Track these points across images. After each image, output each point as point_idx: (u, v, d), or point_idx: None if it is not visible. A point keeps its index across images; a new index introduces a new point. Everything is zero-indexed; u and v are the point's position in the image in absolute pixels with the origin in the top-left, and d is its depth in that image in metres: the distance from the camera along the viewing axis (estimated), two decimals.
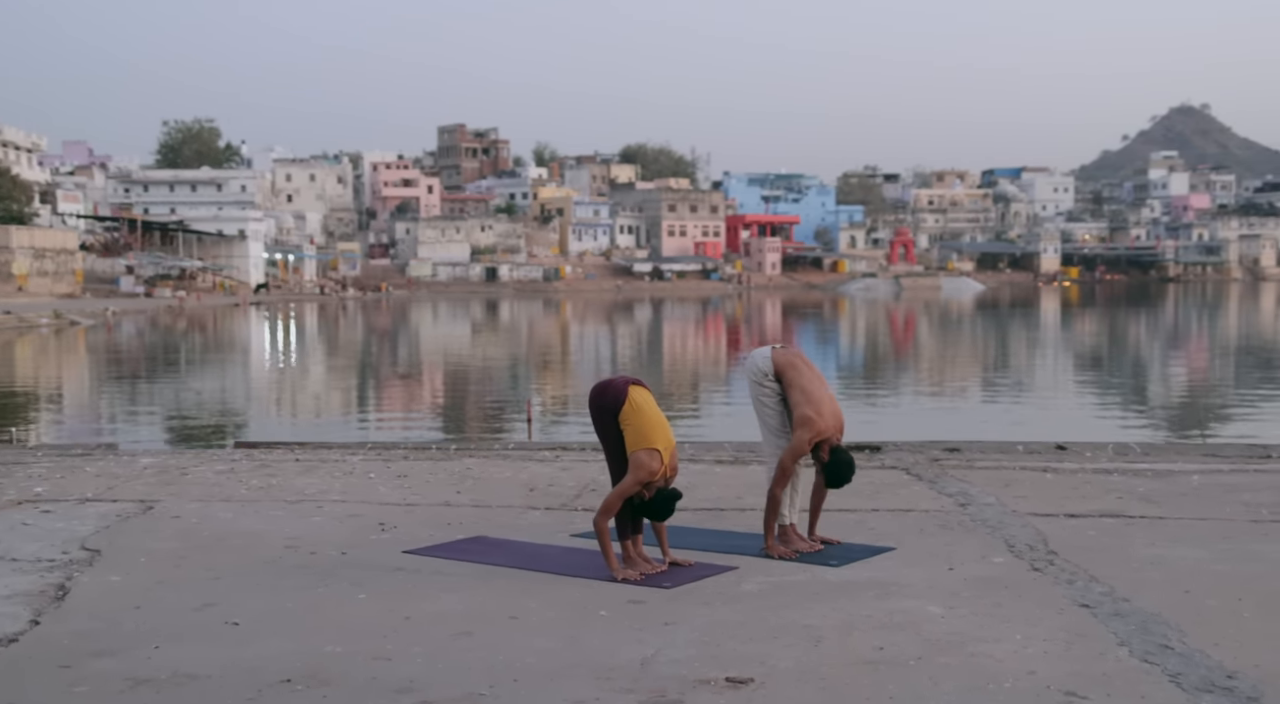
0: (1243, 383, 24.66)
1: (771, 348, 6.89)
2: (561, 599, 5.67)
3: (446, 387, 26.00)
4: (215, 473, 9.27)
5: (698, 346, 39.89)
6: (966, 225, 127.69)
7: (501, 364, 32.24)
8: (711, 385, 25.95)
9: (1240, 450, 10.10)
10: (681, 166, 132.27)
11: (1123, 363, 31.54)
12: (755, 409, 6.88)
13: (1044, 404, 20.96)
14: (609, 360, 33.92)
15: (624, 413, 6.21)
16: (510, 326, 52.59)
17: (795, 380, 6.67)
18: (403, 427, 18.11)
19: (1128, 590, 5.65)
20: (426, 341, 42.68)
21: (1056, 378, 27.44)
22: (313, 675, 4.62)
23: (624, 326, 52.20)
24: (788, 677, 4.52)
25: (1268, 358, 32.12)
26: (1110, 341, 39.92)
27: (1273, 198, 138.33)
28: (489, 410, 20.85)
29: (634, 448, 6.09)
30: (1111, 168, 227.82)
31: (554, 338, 44.84)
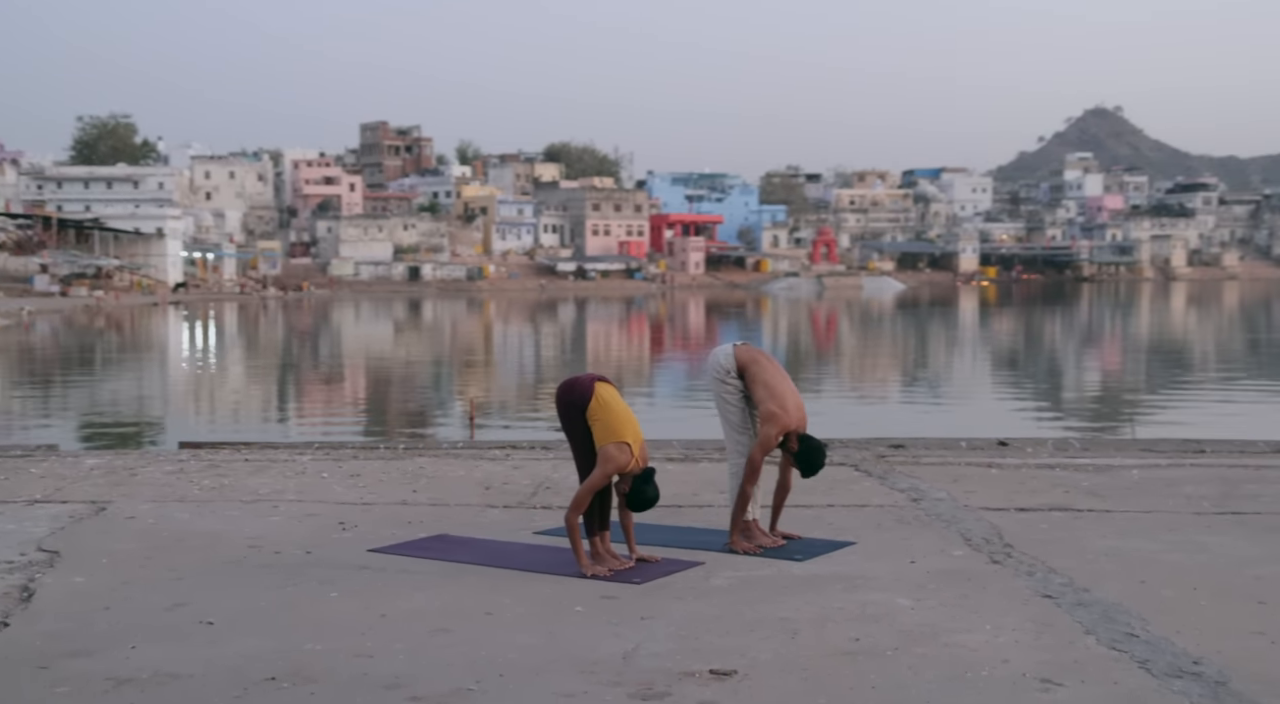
0: (1161, 379, 25.21)
1: (733, 344, 6.97)
2: (534, 595, 5.72)
3: (380, 387, 25.87)
4: (164, 473, 9.19)
5: (624, 346, 39.98)
6: (887, 225, 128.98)
7: (433, 364, 32.13)
8: (642, 384, 26.04)
9: (1175, 445, 10.36)
10: (606, 166, 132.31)
11: (1046, 361, 32.09)
12: (717, 406, 6.96)
13: (975, 401, 21.30)
14: (535, 360, 33.94)
15: (591, 409, 6.27)
16: (435, 327, 52.36)
17: (758, 375, 6.75)
18: (341, 426, 18.01)
19: (1086, 581, 5.81)
20: (355, 342, 42.37)
21: (984, 376, 27.89)
22: (297, 673, 4.63)
23: (550, 326, 52.17)
24: (769, 668, 4.61)
25: (1180, 356, 32.87)
26: (1032, 340, 40.59)
27: (1183, 199, 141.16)
28: (426, 410, 20.80)
29: (603, 442, 6.15)
30: (1028, 169, 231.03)
31: (482, 338, 44.72)
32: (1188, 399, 20.93)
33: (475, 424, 14.83)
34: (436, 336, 44.79)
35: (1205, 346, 36.90)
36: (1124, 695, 4.27)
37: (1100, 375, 27.56)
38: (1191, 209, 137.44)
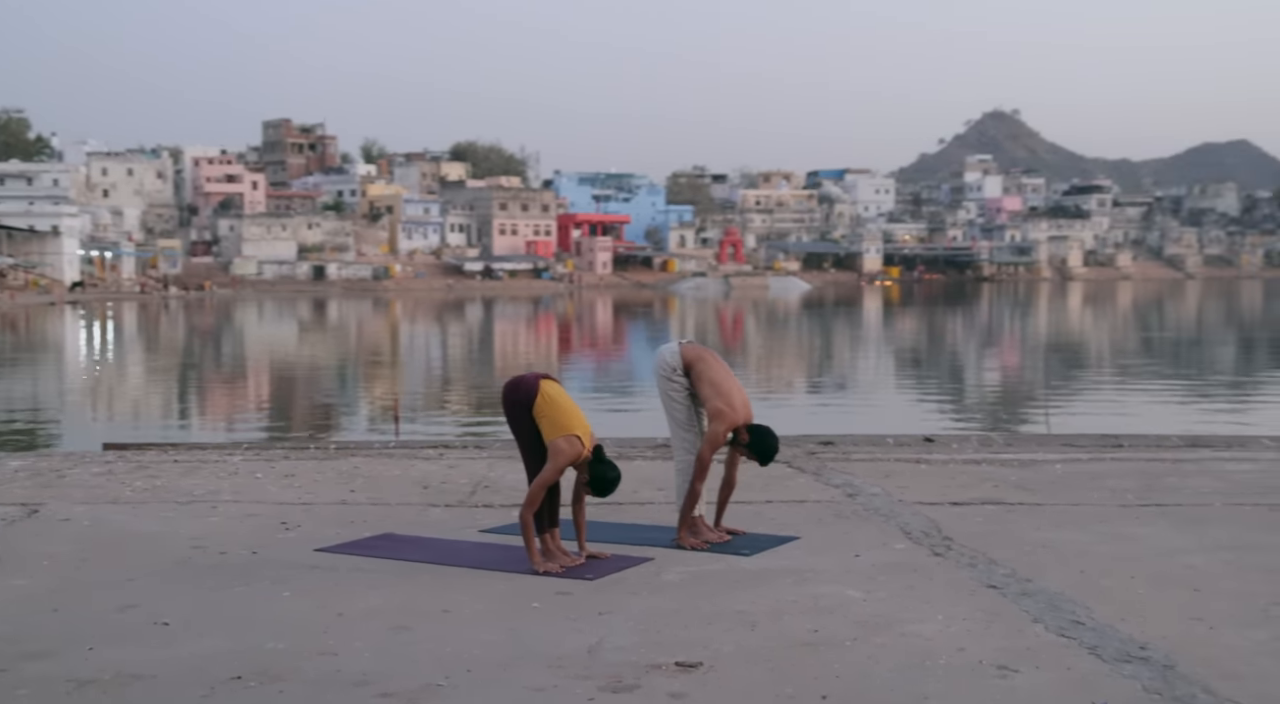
0: (1067, 376, 25.78)
1: (679, 342, 7.05)
2: (489, 593, 5.75)
3: (294, 387, 25.61)
4: (93, 475, 9.05)
5: (535, 346, 39.96)
6: (793, 225, 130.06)
7: (346, 365, 31.86)
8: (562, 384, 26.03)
9: (1094, 440, 10.64)
10: (512, 165, 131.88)
11: (957, 360, 32.65)
12: (664, 403, 7.03)
13: (892, 399, 21.64)
14: (445, 360, 33.81)
15: (537, 406, 6.31)
16: (343, 327, 51.86)
17: (704, 373, 6.84)
18: (260, 427, 17.81)
19: (1027, 572, 5.98)
20: (264, 342, 41.85)
21: (897, 374, 28.32)
22: (263, 672, 4.62)
23: (460, 327, 51.95)
24: (734, 659, 4.69)
25: (1083, 354, 33.63)
26: (942, 340, 41.24)
27: (1079, 201, 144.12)
28: (343, 410, 20.64)
29: (552, 437, 6.20)
30: (928, 170, 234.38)
31: (390, 338, 44.40)
32: (1094, 395, 21.45)
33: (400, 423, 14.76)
34: (346, 337, 44.41)
35: (1107, 345, 37.77)
36: (1078, 680, 4.42)
37: (1009, 373, 28.12)
38: (1087, 211, 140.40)
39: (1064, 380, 24.81)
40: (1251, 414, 18.32)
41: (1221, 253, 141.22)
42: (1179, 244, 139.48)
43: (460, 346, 39.25)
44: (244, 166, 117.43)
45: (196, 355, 35.10)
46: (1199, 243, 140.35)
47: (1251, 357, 32.98)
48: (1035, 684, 4.37)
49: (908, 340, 40.76)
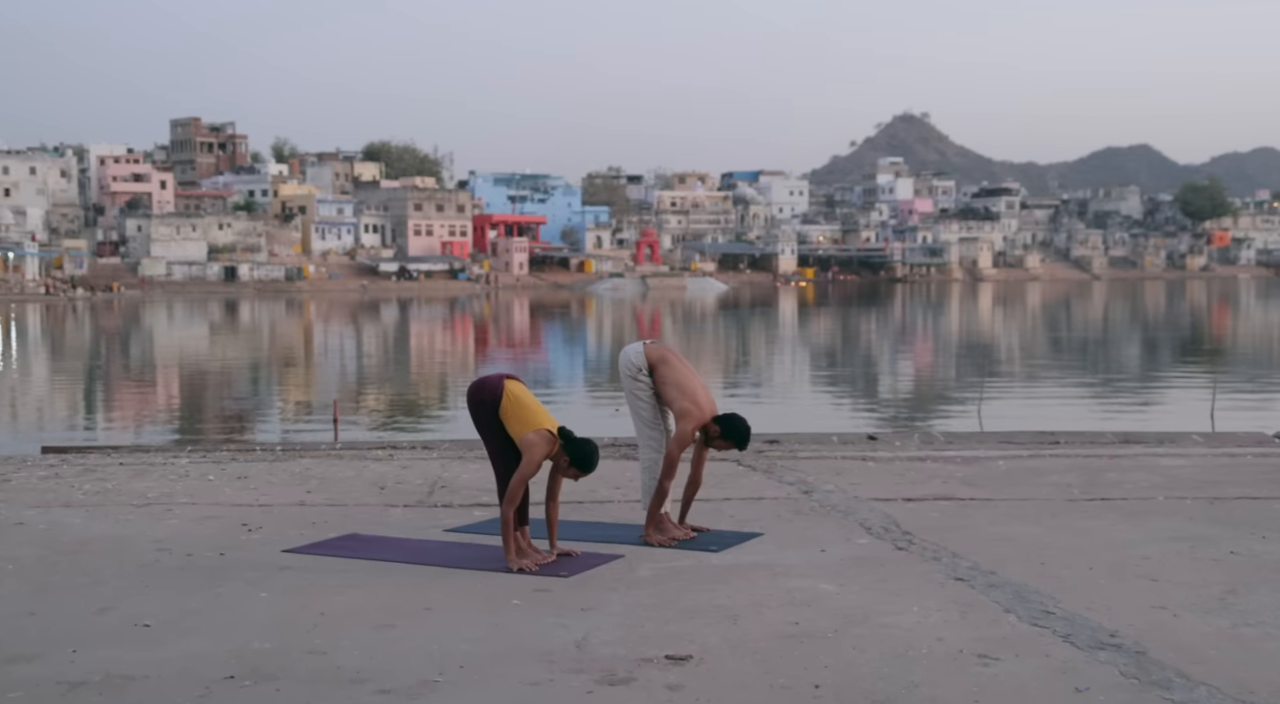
0: (988, 374, 26.25)
1: (644, 343, 7.14)
2: (466, 590, 5.80)
3: (217, 389, 25.30)
4: (39, 479, 8.94)
5: (459, 347, 39.84)
6: (708, 227, 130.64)
7: (267, 366, 31.54)
8: None
9: (1031, 437, 10.90)
10: (427, 165, 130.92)
11: (879, 359, 33.09)
12: (629, 403, 7.12)
13: (822, 398, 21.90)
14: (358, 362, 33.62)
15: (504, 406, 6.36)
16: (255, 328, 51.26)
17: (668, 376, 6.94)
18: (190, 430, 17.62)
19: (990, 565, 6.15)
20: (180, 344, 41.26)
21: (825, 373, 28.63)
22: (255, 671, 4.64)
23: (376, 328, 51.60)
24: (721, 652, 4.79)
25: (1001, 352, 34.25)
26: (862, 339, 41.76)
27: (988, 203, 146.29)
28: (273, 412, 20.46)
29: (523, 432, 6.25)
30: (840, 172, 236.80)
31: (308, 340, 43.99)
32: (1018, 393, 21.87)
33: (338, 425, 14.70)
34: (263, 339, 43.90)
35: (1027, 344, 38.47)
36: (1057, 667, 4.58)
37: (935, 372, 28.55)
38: (996, 213, 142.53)
39: (989, 378, 25.28)
40: (1168, 409, 18.80)
41: (1126, 254, 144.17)
42: (1085, 246, 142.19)
43: (379, 348, 39.03)
44: (151, 166, 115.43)
45: (115, 358, 34.53)
46: (1104, 244, 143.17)
47: (1162, 355, 33.79)
48: (1017, 671, 4.52)
49: (833, 340, 41.22)
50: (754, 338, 43.53)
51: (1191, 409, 17.49)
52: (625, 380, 7.09)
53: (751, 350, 37.13)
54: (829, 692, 4.33)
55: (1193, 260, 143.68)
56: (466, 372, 29.26)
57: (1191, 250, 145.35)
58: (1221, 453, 9.90)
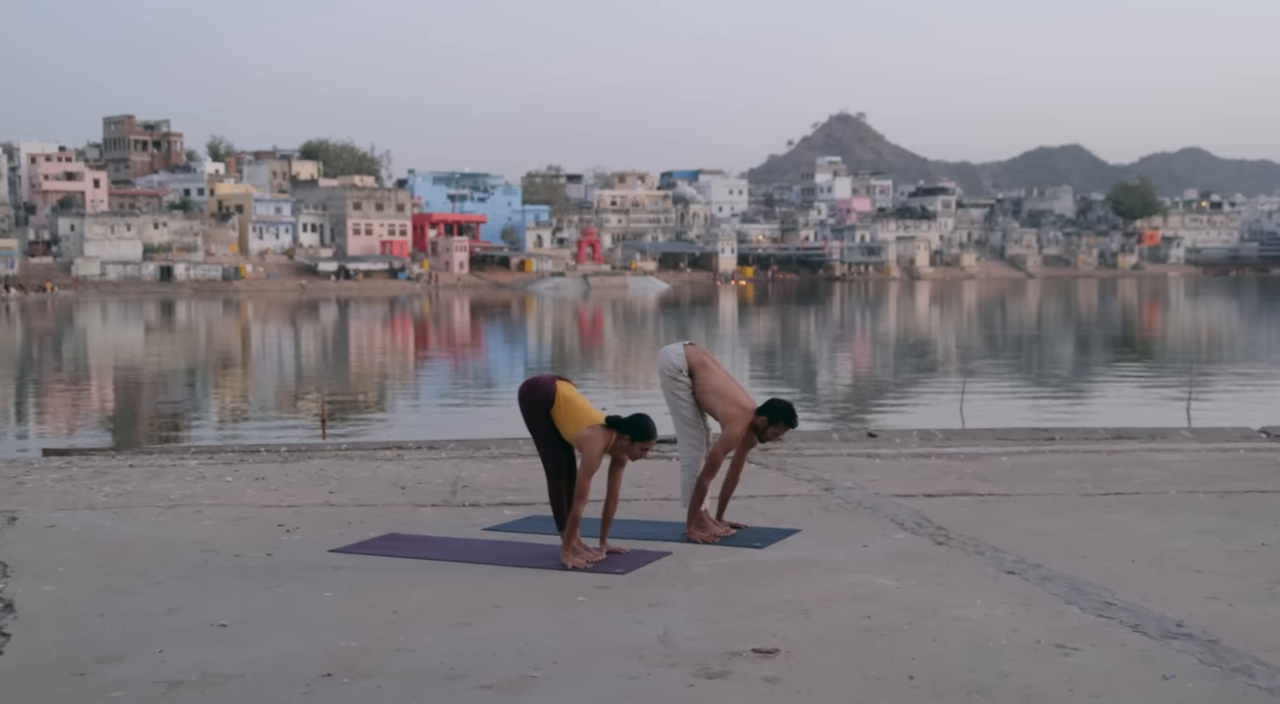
0: (946, 371, 26.58)
1: (684, 345, 7.22)
2: (528, 588, 5.87)
3: (176, 390, 25.07)
4: (53, 481, 8.88)
5: (396, 346, 39.71)
6: (648, 226, 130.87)
7: (217, 369, 31.27)
8: (464, 386, 26.01)
9: (1026, 433, 11.12)
10: (365, 164, 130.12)
11: (829, 357, 33.38)
12: (669, 403, 7.21)
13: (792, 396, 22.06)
14: (296, 361, 33.45)
15: (556, 406, 6.43)
16: (192, 328, 50.75)
17: (707, 381, 7.04)
18: (163, 431, 17.47)
19: (1034, 558, 6.30)
20: (125, 344, 40.76)
21: (778, 372, 28.84)
22: (349, 669, 4.69)
23: (316, 327, 51.24)
24: (804, 646, 4.89)
25: (925, 351, 34.65)
26: (809, 337, 42.07)
27: (925, 202, 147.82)
28: (250, 413, 20.33)
29: (577, 430, 6.33)
30: (778, 171, 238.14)
31: (271, 340, 43.63)
32: (984, 390, 22.17)
33: (325, 425, 14.67)
34: (211, 339, 43.49)
35: (977, 341, 38.95)
36: (1135, 656, 4.72)
37: (889, 369, 28.86)
38: (933, 212, 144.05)
39: (950, 377, 25.59)
40: (1141, 405, 19.15)
41: (1059, 253, 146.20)
42: (1020, 244, 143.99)
43: (322, 349, 38.82)
44: (84, 164, 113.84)
45: (54, 359, 34.08)
46: (1038, 243, 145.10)
47: (1117, 352, 34.35)
48: (1099, 661, 4.66)
49: (789, 338, 41.49)
50: (706, 336, 43.73)
51: (1160, 404, 17.85)
52: (665, 381, 7.17)
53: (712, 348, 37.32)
54: (923, 683, 4.45)
55: (1124, 259, 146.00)
56: (423, 369, 29.20)
57: (1123, 249, 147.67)
58: (1214, 448, 10.15)
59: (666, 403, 7.25)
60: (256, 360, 33.78)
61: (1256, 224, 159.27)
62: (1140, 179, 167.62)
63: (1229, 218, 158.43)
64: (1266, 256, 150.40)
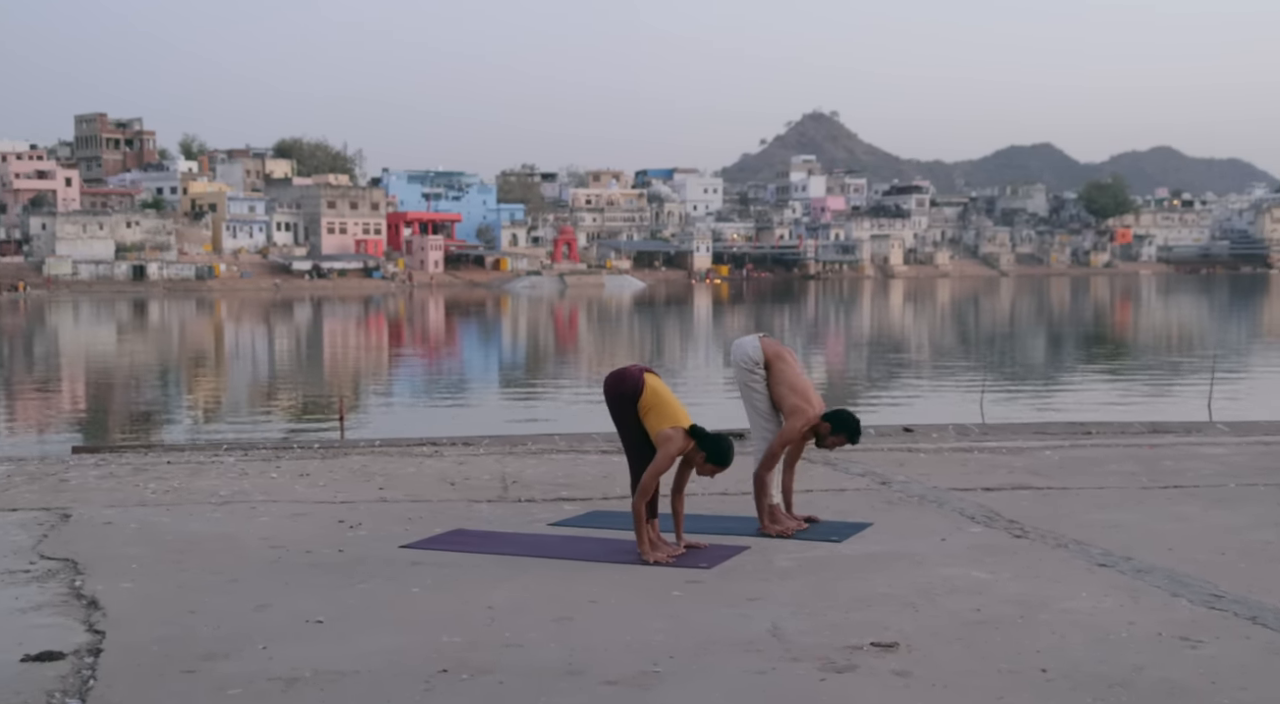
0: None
1: (759, 337, 7.14)
2: (617, 583, 5.77)
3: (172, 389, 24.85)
4: (95, 479, 8.72)
5: (371, 345, 39.52)
6: (623, 224, 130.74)
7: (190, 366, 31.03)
8: (449, 381, 25.85)
9: (1063, 428, 11.09)
10: (339, 162, 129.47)
11: (823, 351, 33.40)
12: (744, 395, 7.13)
13: None
14: (287, 361, 33.26)
15: (644, 399, 6.33)
16: (165, 327, 50.37)
17: (783, 373, 6.97)
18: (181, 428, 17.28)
19: (1121, 550, 6.24)
20: (105, 344, 40.41)
21: None
22: (463, 664, 4.58)
23: (290, 326, 50.94)
24: (921, 639, 4.81)
25: (897, 348, 34.72)
26: (789, 333, 42.07)
27: (899, 201, 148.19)
28: (260, 410, 20.14)
29: (660, 427, 6.23)
30: (751, 170, 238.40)
31: (214, 340, 43.33)
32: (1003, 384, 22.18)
33: (344, 422, 14.52)
34: (188, 339, 43.17)
35: (967, 339, 39.04)
36: (1263, 648, 4.66)
37: (883, 365, 28.87)
38: (907, 210, 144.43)
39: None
40: (1156, 398, 19.20)
41: (1032, 251, 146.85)
42: (993, 243, 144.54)
43: (308, 348, 38.61)
44: (56, 162, 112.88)
45: (50, 359, 33.75)
46: (1011, 242, 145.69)
47: (1117, 347, 34.49)
48: (1228, 653, 4.60)
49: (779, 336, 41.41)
50: (699, 333, 43.69)
51: (1174, 398, 17.89)
52: (740, 373, 7.09)
53: (708, 344, 37.29)
54: (1057, 676, 4.37)
55: (1097, 257, 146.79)
56: (416, 367, 29.03)
57: (1095, 247, 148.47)
58: (1255, 441, 10.14)
59: (741, 395, 7.16)
60: (246, 360, 33.54)
61: (1227, 222, 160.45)
62: (1113, 177, 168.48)
63: (1200, 216, 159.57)
64: (1237, 255, 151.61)
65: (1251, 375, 24.40)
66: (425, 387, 25.07)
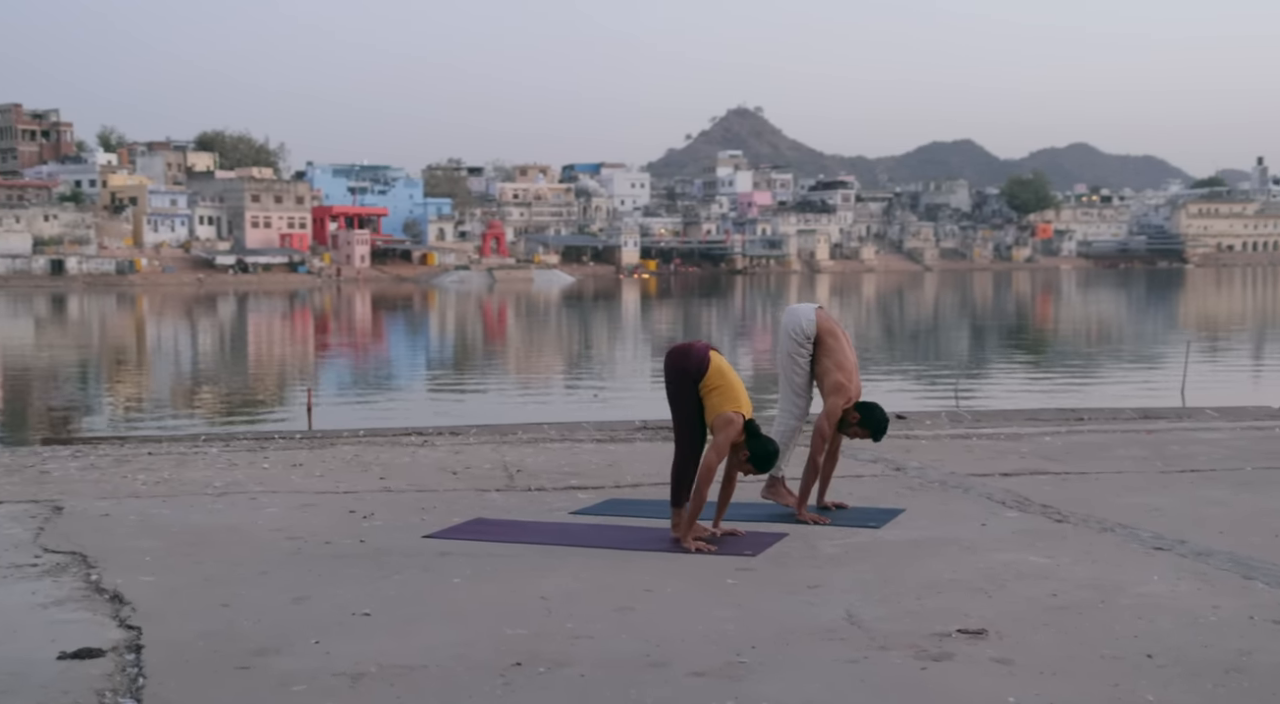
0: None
1: (816, 309, 6.91)
2: (667, 571, 5.54)
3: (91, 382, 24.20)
4: (78, 470, 8.32)
5: (294, 339, 38.94)
6: (550, 219, 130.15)
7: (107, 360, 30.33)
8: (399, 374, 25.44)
9: (1055, 414, 11.00)
10: (263, 156, 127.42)
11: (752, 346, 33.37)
12: (783, 366, 6.92)
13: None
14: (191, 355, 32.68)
15: (709, 377, 6.08)
16: (84, 322, 49.32)
17: (832, 347, 6.76)
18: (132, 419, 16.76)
19: (1171, 534, 6.11)
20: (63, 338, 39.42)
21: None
22: (537, 657, 4.34)
23: (214, 321, 50.10)
24: (1006, 625, 4.63)
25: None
26: (734, 327, 42.04)
27: (824, 196, 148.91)
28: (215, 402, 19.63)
29: (720, 410, 6.00)
30: (676, 165, 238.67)
31: (136, 335, 42.50)
32: (937, 374, 22.20)
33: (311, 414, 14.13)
34: (91, 333, 42.25)
35: (894, 332, 39.22)
36: None
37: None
38: (832, 205, 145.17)
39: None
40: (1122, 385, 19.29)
41: (955, 246, 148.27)
42: (917, 238, 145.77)
43: (223, 343, 37.93)
44: None
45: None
46: (935, 237, 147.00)
47: (1066, 336, 34.78)
48: None
49: (730, 328, 41.40)
50: (616, 328, 43.50)
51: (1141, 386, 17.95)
52: (788, 342, 6.86)
53: (624, 341, 37.12)
54: (1165, 660, 4.21)
55: (1019, 252, 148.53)
56: (351, 360, 28.57)
57: (1017, 242, 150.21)
58: (1248, 426, 10.12)
59: (780, 365, 6.96)
60: (173, 355, 32.84)
61: (1144, 218, 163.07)
62: (1034, 173, 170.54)
63: (1118, 212, 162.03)
64: (1154, 250, 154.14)
65: (1212, 363, 24.65)
66: (362, 380, 24.59)
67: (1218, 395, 16.01)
